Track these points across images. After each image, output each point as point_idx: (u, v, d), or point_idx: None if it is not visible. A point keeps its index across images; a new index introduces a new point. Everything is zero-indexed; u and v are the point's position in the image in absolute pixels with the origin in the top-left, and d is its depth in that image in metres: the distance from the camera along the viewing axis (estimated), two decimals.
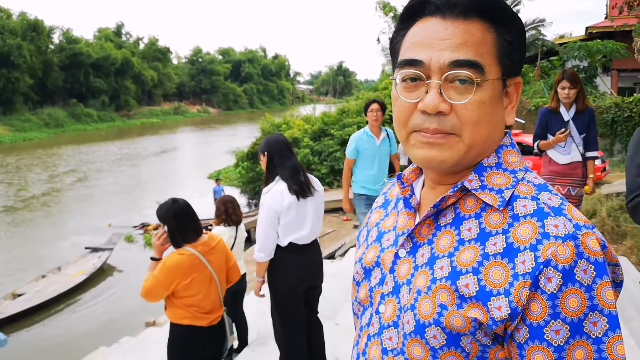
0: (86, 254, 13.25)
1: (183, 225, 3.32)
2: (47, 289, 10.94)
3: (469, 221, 0.91)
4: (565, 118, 4.61)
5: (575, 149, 4.66)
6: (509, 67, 0.92)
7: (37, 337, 9.62)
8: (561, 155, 4.69)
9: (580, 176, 4.70)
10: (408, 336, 0.90)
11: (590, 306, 0.80)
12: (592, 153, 4.72)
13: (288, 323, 3.68)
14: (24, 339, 9.49)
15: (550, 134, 4.65)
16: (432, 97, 0.87)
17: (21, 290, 11.00)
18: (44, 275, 11.76)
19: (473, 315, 0.84)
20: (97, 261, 12.65)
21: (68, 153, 37.33)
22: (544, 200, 0.87)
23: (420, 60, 0.88)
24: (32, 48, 52.13)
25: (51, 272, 11.96)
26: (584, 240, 0.81)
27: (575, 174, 4.69)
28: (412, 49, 0.91)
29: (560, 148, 4.67)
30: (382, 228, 1.07)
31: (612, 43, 18.45)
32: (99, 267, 12.32)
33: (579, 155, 4.67)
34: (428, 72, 0.88)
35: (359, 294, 1.06)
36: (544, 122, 4.69)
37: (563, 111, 4.62)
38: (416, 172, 1.05)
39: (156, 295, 3.27)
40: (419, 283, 0.91)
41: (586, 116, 4.63)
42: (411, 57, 0.90)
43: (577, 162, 4.67)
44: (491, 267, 0.85)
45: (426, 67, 0.88)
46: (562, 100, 4.60)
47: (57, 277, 11.70)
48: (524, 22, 25.76)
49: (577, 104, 4.59)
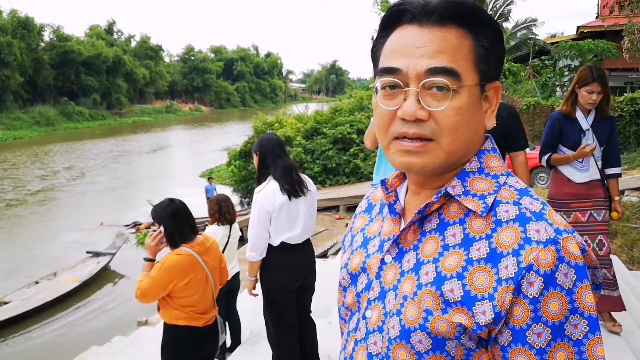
0: (85, 259, 12.76)
1: (181, 225, 3.31)
2: (35, 297, 10.43)
3: (454, 227, 0.92)
4: (583, 126, 3.77)
5: (594, 165, 3.81)
6: (487, 72, 0.93)
7: (26, 340, 9.36)
8: (578, 172, 3.81)
9: (602, 196, 3.82)
10: (393, 341, 0.92)
11: (571, 309, 0.82)
12: (614, 170, 3.88)
13: (280, 322, 3.70)
14: (12, 343, 9.18)
15: (565, 145, 3.84)
16: (410, 105, 0.88)
17: (9, 297, 10.47)
18: (37, 282, 11.27)
19: (458, 320, 0.85)
20: (95, 267, 12.12)
21: (59, 151, 37.16)
22: (526, 205, 0.89)
23: (398, 68, 0.90)
24: (22, 46, 51.79)
25: (46, 278, 11.49)
26: (565, 245, 0.83)
27: (595, 195, 3.80)
28: (390, 57, 0.92)
29: (577, 163, 3.82)
30: (368, 234, 1.09)
31: (603, 42, 18.58)
32: (94, 273, 11.81)
33: (597, 173, 3.82)
34: (406, 79, 0.89)
35: (345, 299, 1.07)
36: (556, 129, 3.84)
37: (580, 117, 3.78)
38: (400, 178, 1.06)
39: (153, 296, 3.25)
40: (405, 289, 0.92)
41: (607, 125, 3.82)
42: (389, 65, 0.91)
43: (595, 180, 3.81)
44: (475, 272, 0.86)
45: (404, 75, 0.89)
46: (582, 105, 3.75)
47: (50, 283, 11.18)
48: (516, 22, 25.75)
49: (599, 110, 3.78)
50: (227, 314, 5.13)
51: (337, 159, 18.78)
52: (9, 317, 9.55)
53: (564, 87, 20.32)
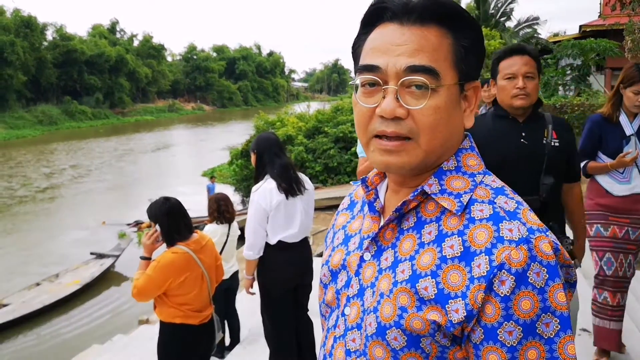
0: (89, 261, 12.43)
1: (176, 223, 3.33)
2: (33, 300, 10.16)
3: (430, 225, 0.93)
4: (627, 131, 3.32)
5: (637, 177, 3.37)
6: (466, 72, 0.93)
7: (26, 339, 9.29)
8: (618, 183, 3.40)
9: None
10: (370, 338, 0.93)
11: (543, 308, 0.82)
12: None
13: (277, 320, 3.72)
14: (11, 344, 9.06)
15: (605, 152, 3.40)
16: (389, 102, 0.89)
17: (8, 299, 10.25)
18: (38, 283, 11.02)
19: (432, 318, 0.86)
20: (97, 269, 11.81)
21: (64, 149, 37.32)
22: (500, 204, 0.90)
23: (377, 66, 0.90)
24: (25, 45, 51.79)
25: (47, 280, 11.23)
26: (537, 244, 0.84)
27: (636, 211, 3.38)
28: (370, 54, 0.93)
29: (618, 174, 3.39)
30: (349, 231, 1.09)
31: (605, 41, 18.49)
32: (96, 276, 11.51)
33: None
34: (385, 77, 0.90)
35: (326, 296, 1.08)
36: (595, 134, 3.40)
37: (624, 121, 3.33)
38: (380, 176, 1.07)
39: (149, 294, 3.27)
40: (382, 286, 0.93)
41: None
42: (369, 62, 0.92)
43: (638, 194, 3.37)
44: (449, 270, 0.87)
45: (383, 73, 0.90)
46: (627, 108, 3.33)
47: (51, 286, 10.93)
48: (518, 21, 25.69)
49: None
50: (226, 313, 5.15)
51: (338, 158, 18.76)
52: (6, 320, 9.36)
53: (566, 86, 20.28)
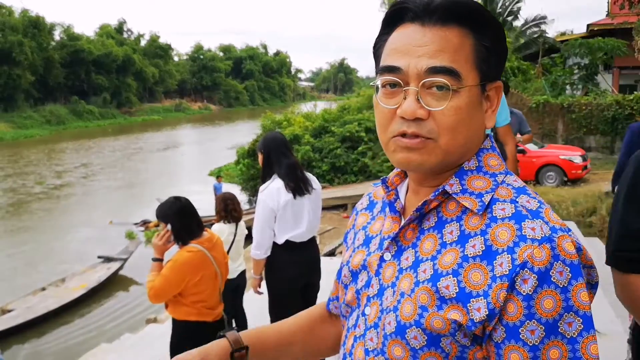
0: (96, 264, 12.16)
1: (188, 222, 3.33)
2: (38, 306, 9.88)
3: (451, 224, 0.93)
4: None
5: None
6: (488, 72, 0.93)
7: (33, 337, 9.26)
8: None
9: None
10: (389, 337, 0.93)
11: (565, 307, 0.82)
12: None
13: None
14: (16, 348, 8.93)
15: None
16: (410, 104, 0.89)
17: (13, 305, 9.97)
18: (44, 288, 10.74)
19: (453, 317, 0.86)
20: (104, 273, 11.54)
21: (75, 148, 37.68)
22: (522, 203, 0.89)
23: (398, 67, 0.90)
24: (33, 45, 52.10)
25: (53, 284, 10.97)
26: (560, 243, 0.83)
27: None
28: (391, 55, 0.93)
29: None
30: (370, 232, 1.09)
31: (613, 40, 18.40)
32: (103, 280, 11.25)
33: None
34: (406, 78, 0.90)
35: (346, 296, 1.08)
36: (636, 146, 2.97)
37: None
38: (400, 176, 1.07)
39: (167, 295, 3.24)
40: (403, 286, 0.93)
41: None
42: (390, 63, 0.92)
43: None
44: (471, 269, 0.87)
45: (404, 74, 0.90)
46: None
47: (56, 290, 10.68)
48: (525, 19, 25.61)
49: None
50: (234, 312, 5.15)
51: (345, 158, 18.75)
52: (9, 327, 9.18)
53: (574, 85, 20.20)
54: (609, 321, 4.33)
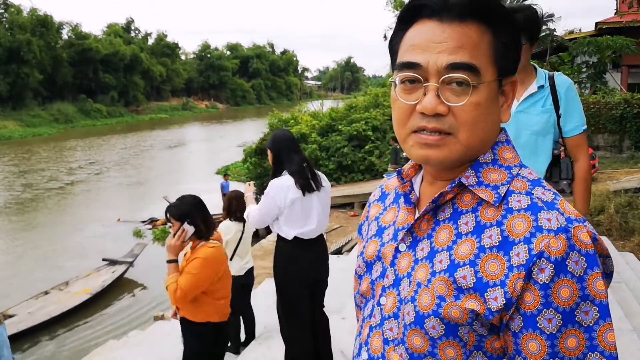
0: (100, 267, 11.91)
1: (207, 217, 3.35)
2: (40, 312, 9.63)
3: (466, 215, 0.94)
4: None
5: None
6: (505, 67, 0.94)
7: (38, 346, 9.09)
8: None
9: None
10: (408, 327, 0.94)
11: (582, 296, 0.83)
12: None
13: (293, 317, 3.72)
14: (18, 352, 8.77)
15: None
16: (430, 100, 0.90)
17: (14, 310, 9.68)
18: (47, 292, 10.51)
19: (470, 306, 0.87)
20: (109, 277, 11.29)
21: (85, 146, 38.01)
22: (538, 195, 0.91)
23: (418, 63, 0.91)
24: (41, 44, 52.34)
25: (57, 288, 10.76)
26: (576, 233, 0.85)
27: None
28: (410, 51, 0.93)
29: None
30: (382, 223, 1.11)
31: (621, 39, 18.27)
32: (108, 284, 11.01)
33: None
34: (426, 74, 0.91)
35: (361, 287, 1.10)
36: None
37: None
38: (415, 168, 1.08)
39: (195, 292, 3.18)
40: (419, 276, 0.95)
41: None
42: (409, 60, 0.93)
43: None
44: (487, 259, 0.88)
45: (424, 70, 0.91)
46: None
47: (59, 295, 10.44)
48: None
49: None
50: (242, 309, 5.17)
51: (352, 156, 18.76)
52: (10, 334, 8.95)
53: (582, 83, 20.07)
54: (616, 319, 4.32)
